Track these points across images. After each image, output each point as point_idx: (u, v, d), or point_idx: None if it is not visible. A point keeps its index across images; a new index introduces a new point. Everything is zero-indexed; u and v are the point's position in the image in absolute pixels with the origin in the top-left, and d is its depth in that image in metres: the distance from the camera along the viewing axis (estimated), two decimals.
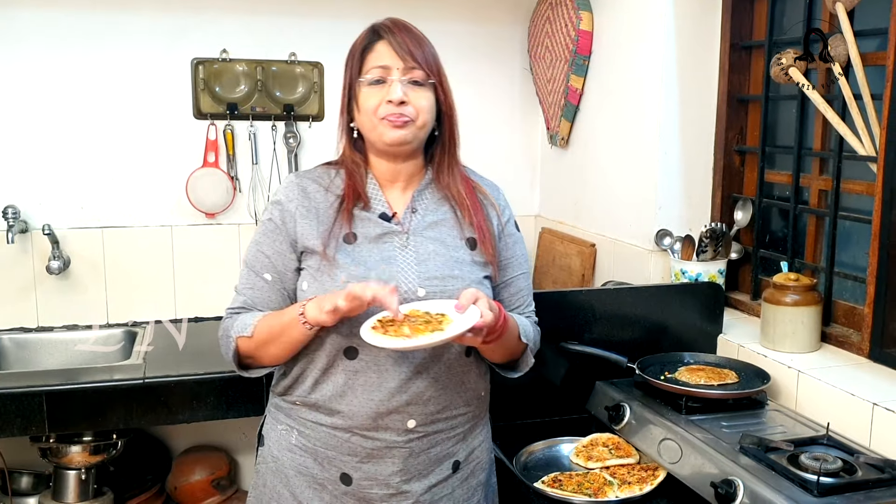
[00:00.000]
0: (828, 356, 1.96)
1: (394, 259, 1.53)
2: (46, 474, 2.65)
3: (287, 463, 1.58)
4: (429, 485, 1.56)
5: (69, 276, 2.80)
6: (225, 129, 2.89)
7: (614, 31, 2.60)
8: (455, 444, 1.60)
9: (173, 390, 2.28)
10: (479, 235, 1.59)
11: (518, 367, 1.65)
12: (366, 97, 1.53)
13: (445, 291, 1.52)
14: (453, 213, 1.61)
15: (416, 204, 1.60)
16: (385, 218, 1.57)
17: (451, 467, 1.60)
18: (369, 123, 1.53)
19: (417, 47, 1.53)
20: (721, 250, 2.29)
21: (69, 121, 2.76)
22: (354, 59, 1.56)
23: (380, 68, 1.52)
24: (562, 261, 2.94)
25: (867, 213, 1.93)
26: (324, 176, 1.61)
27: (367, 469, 1.53)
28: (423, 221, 1.58)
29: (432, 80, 1.54)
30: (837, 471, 1.50)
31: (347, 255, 1.52)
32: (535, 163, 3.25)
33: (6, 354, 2.67)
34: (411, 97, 1.52)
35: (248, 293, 1.59)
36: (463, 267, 1.56)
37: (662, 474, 1.74)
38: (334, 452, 1.54)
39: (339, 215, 1.55)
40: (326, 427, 1.54)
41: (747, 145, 2.39)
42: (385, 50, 1.53)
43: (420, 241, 1.56)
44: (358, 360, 1.50)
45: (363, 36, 1.58)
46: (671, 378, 1.93)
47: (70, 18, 2.71)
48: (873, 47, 1.95)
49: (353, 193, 1.57)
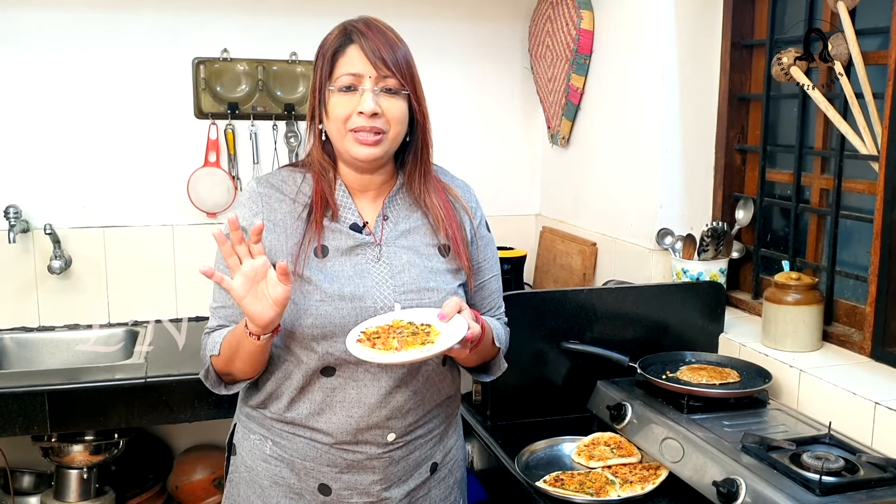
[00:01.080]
0: (829, 355, 1.96)
1: (367, 273, 1.48)
2: (48, 473, 2.65)
3: (262, 473, 1.55)
4: (408, 489, 1.55)
5: (70, 276, 2.80)
6: (226, 128, 2.89)
7: (615, 29, 2.60)
8: (433, 447, 1.59)
9: (174, 389, 2.28)
10: (454, 245, 1.55)
11: (491, 371, 1.64)
12: (335, 105, 1.44)
13: (422, 305, 1.48)
14: (425, 218, 1.56)
15: (388, 211, 1.54)
16: (356, 229, 1.51)
17: (430, 469, 1.59)
18: (338, 133, 1.46)
19: (391, 53, 1.44)
20: (722, 249, 2.29)
21: (70, 120, 2.76)
22: (325, 61, 1.46)
23: (351, 75, 1.43)
24: (563, 260, 2.94)
25: (869, 212, 1.93)
26: (289, 181, 1.53)
27: (346, 479, 1.51)
28: (396, 230, 1.53)
29: (406, 90, 1.46)
30: (839, 470, 1.50)
31: (319, 271, 1.46)
32: (535, 162, 3.25)
33: (8, 354, 2.68)
34: (384, 107, 1.43)
35: (221, 312, 1.53)
36: (438, 277, 1.52)
37: (664, 473, 1.74)
38: (312, 463, 1.51)
39: (308, 227, 1.48)
40: (304, 439, 1.51)
41: (748, 144, 2.39)
42: (357, 55, 1.44)
43: (393, 251, 1.51)
44: (336, 377, 1.47)
45: (334, 37, 1.47)
46: (673, 377, 1.93)
47: (71, 18, 2.71)
48: (875, 46, 1.95)
49: (322, 202, 1.49)
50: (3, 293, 2.74)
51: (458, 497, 1.67)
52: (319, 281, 1.46)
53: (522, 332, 1.94)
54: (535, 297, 2.11)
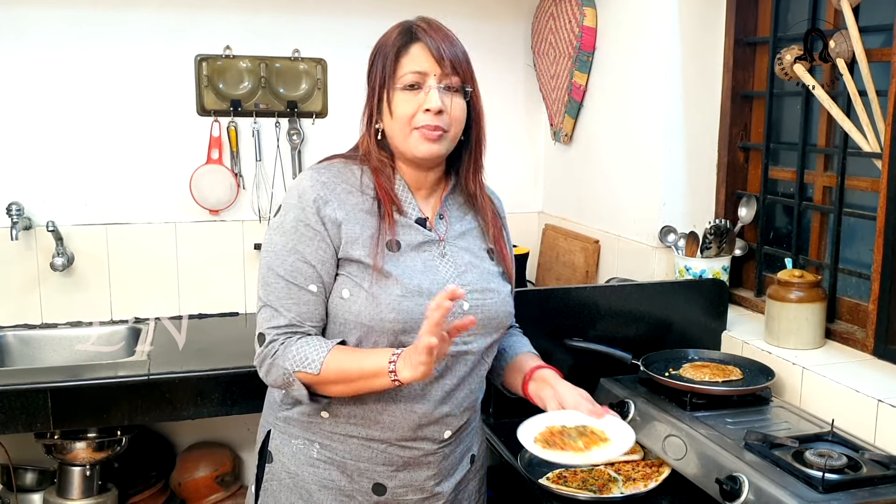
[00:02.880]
0: (832, 353, 1.95)
1: (435, 269, 1.49)
2: (51, 471, 2.66)
3: (308, 478, 1.53)
4: (455, 482, 1.59)
5: (73, 273, 2.80)
6: (228, 125, 2.89)
7: (618, 27, 2.60)
8: (472, 439, 1.64)
9: (177, 387, 2.28)
10: (499, 250, 1.59)
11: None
12: (399, 103, 1.44)
13: (485, 305, 1.50)
14: (477, 222, 1.59)
15: (444, 211, 1.56)
16: (421, 223, 1.51)
17: (470, 461, 1.63)
18: (401, 131, 1.46)
19: (454, 52, 1.46)
20: (725, 247, 2.29)
21: (73, 118, 2.76)
22: (387, 60, 1.45)
23: (416, 73, 1.44)
24: (565, 257, 2.93)
25: (872, 210, 1.93)
26: (348, 174, 1.50)
27: (402, 477, 1.52)
28: (454, 230, 1.55)
29: (469, 87, 1.48)
30: (842, 467, 1.50)
31: (394, 265, 1.45)
32: (538, 159, 3.25)
33: (10, 351, 2.68)
34: (447, 105, 1.44)
35: (294, 309, 1.44)
36: (495, 280, 1.56)
37: (667, 471, 1.74)
38: (367, 464, 1.51)
39: (382, 220, 1.47)
40: (358, 439, 1.50)
41: (751, 142, 2.39)
42: (421, 53, 1.44)
43: (455, 250, 1.53)
44: None
45: (396, 36, 1.47)
46: (676, 375, 1.93)
47: (73, 16, 2.71)
48: (878, 43, 1.95)
49: (388, 197, 1.48)
50: (5, 290, 2.75)
51: (485, 488, 1.72)
52: (399, 275, 1.44)
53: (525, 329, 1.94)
54: (538, 294, 2.10)
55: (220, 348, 2.54)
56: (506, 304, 1.56)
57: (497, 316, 1.54)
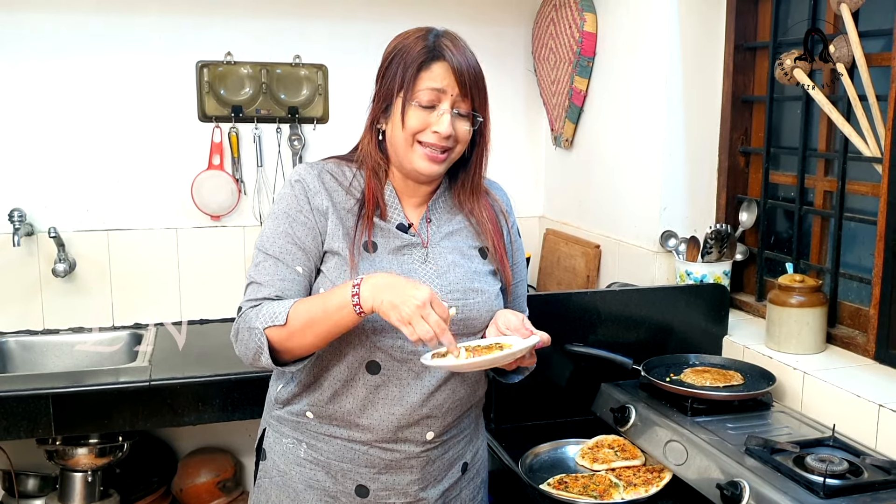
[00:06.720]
0: (833, 357, 1.95)
1: (414, 273, 1.49)
2: (53, 476, 2.66)
3: (296, 477, 1.55)
4: (442, 489, 1.58)
5: (75, 279, 2.80)
6: (230, 131, 2.90)
7: (618, 32, 2.60)
8: (464, 448, 1.62)
9: (179, 392, 2.29)
10: (496, 250, 1.58)
11: (522, 372, 1.65)
12: (411, 118, 1.45)
13: (466, 305, 1.50)
14: (467, 220, 1.59)
15: (431, 214, 1.57)
16: (402, 229, 1.53)
17: (461, 469, 1.61)
18: (405, 143, 1.47)
19: (473, 76, 1.47)
20: (726, 251, 2.29)
21: (74, 124, 2.76)
22: (407, 72, 1.44)
23: (434, 91, 1.44)
24: (566, 262, 2.94)
25: (872, 214, 1.93)
26: (339, 173, 1.53)
27: (384, 480, 1.53)
28: (440, 232, 1.56)
29: (480, 116, 1.50)
30: (843, 472, 1.50)
31: (370, 265, 1.47)
32: (539, 164, 3.25)
33: (12, 357, 2.68)
34: (456, 127, 1.46)
35: (278, 285, 1.46)
36: (481, 279, 1.55)
37: (668, 476, 1.74)
38: (350, 465, 1.52)
39: (359, 221, 1.49)
40: (342, 440, 1.52)
41: (752, 146, 2.39)
42: (442, 73, 1.45)
43: (438, 251, 1.53)
44: (380, 375, 1.48)
45: (420, 49, 1.46)
46: (676, 380, 1.93)
47: (74, 22, 2.72)
48: (878, 48, 1.95)
49: (373, 200, 1.51)
50: (7, 296, 2.75)
51: (483, 497, 1.70)
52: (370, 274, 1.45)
53: None
54: (539, 299, 2.10)
55: (222, 354, 2.54)
56: (491, 305, 1.54)
57: (479, 316, 1.52)
